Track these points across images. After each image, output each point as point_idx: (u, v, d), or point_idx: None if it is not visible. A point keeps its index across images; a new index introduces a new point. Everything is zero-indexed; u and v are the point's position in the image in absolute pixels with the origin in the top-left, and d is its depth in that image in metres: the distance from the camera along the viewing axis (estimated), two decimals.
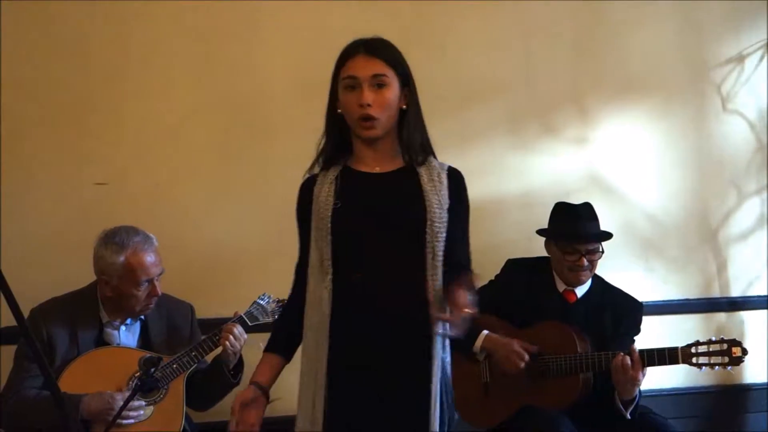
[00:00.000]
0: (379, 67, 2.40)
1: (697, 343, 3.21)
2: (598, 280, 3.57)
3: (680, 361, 3.19)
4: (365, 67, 2.39)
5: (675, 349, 3.20)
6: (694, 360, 3.19)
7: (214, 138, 3.89)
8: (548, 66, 4.23)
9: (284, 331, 2.53)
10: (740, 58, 4.40)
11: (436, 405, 2.39)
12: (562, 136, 4.24)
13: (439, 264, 2.39)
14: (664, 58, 4.35)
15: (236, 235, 3.87)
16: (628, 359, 3.17)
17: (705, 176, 4.39)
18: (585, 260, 3.44)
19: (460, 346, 3.28)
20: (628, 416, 3.27)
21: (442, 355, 2.41)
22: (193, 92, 3.87)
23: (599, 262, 3.59)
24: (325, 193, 2.42)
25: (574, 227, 3.48)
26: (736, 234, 4.42)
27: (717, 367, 3.19)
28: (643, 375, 3.21)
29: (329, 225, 2.39)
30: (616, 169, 4.29)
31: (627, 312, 3.49)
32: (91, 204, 3.73)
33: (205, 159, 3.87)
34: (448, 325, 2.31)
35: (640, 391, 3.29)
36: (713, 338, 3.23)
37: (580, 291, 3.52)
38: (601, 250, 3.49)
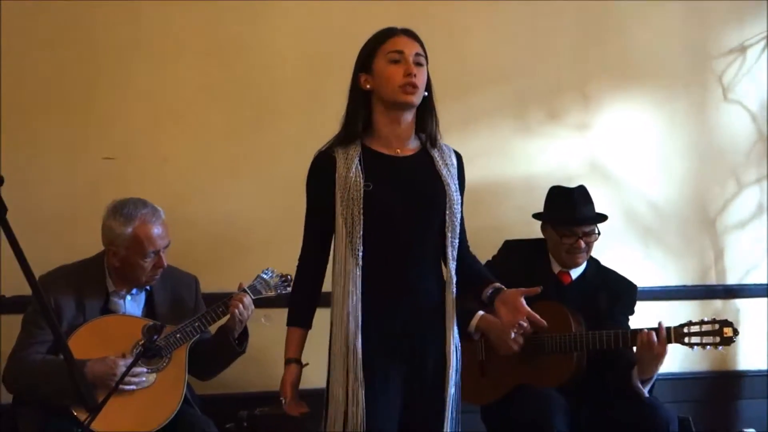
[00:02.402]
0: (419, 48, 2.61)
1: (690, 323, 3.25)
2: (593, 262, 3.61)
3: (672, 340, 3.23)
4: (409, 45, 2.59)
5: (668, 329, 3.24)
6: (686, 339, 3.23)
7: (221, 115, 3.94)
8: (552, 52, 4.28)
9: (302, 301, 2.66)
10: (742, 49, 4.44)
11: (452, 382, 2.59)
12: (565, 122, 4.29)
13: (456, 243, 2.60)
14: (667, 47, 4.40)
15: (242, 211, 3.93)
16: (654, 335, 3.21)
17: (705, 165, 4.44)
18: (582, 242, 3.49)
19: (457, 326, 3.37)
20: (647, 394, 3.32)
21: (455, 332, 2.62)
22: (202, 69, 3.93)
23: (599, 248, 3.65)
24: (354, 175, 2.53)
25: (571, 211, 3.53)
26: (734, 223, 4.47)
27: (708, 347, 3.22)
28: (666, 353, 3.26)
29: (361, 206, 2.51)
30: (617, 155, 4.34)
31: (621, 293, 3.55)
32: (100, 178, 3.79)
33: (212, 136, 3.93)
34: None
35: None
36: (705, 319, 3.27)
37: (575, 273, 3.56)
38: (597, 232, 3.54)
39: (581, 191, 3.60)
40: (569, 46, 4.31)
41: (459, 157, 2.70)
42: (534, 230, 3.71)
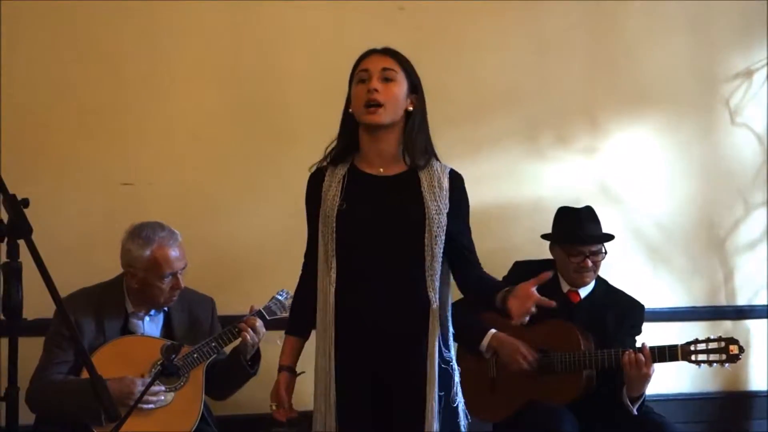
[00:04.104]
0: (389, 63, 2.57)
1: (696, 341, 3.31)
2: (601, 282, 3.67)
3: (679, 357, 3.29)
4: (376, 62, 2.58)
5: (675, 346, 3.30)
6: (692, 357, 3.29)
7: (237, 140, 4.01)
8: (561, 77, 4.35)
9: (299, 313, 2.72)
10: (748, 73, 4.50)
11: (434, 402, 2.52)
12: (574, 146, 4.35)
13: (438, 265, 2.54)
14: (674, 72, 4.46)
15: (258, 233, 3.99)
16: (640, 355, 3.26)
17: (713, 187, 4.49)
18: (589, 261, 3.55)
19: (469, 344, 3.44)
20: (635, 412, 3.37)
21: (438, 351, 2.55)
22: (218, 95, 4.00)
23: (609, 269, 3.72)
24: (333, 193, 2.57)
25: (578, 230, 3.60)
26: (743, 244, 4.52)
27: (715, 364, 3.27)
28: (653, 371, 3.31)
29: (334, 225, 2.54)
30: (625, 178, 4.39)
31: (629, 312, 3.60)
32: (119, 203, 3.85)
33: (228, 160, 4.00)
34: None
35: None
36: (712, 336, 3.32)
37: (584, 292, 3.63)
38: (604, 251, 3.60)
39: (588, 211, 3.67)
40: (578, 71, 4.38)
41: (456, 177, 2.63)
42: (543, 251, 3.77)
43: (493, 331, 3.42)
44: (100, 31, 3.89)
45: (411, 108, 2.59)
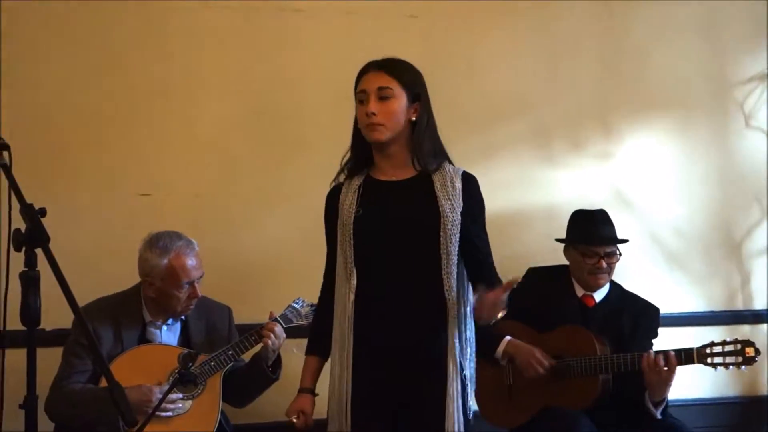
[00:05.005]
0: (385, 81, 2.60)
1: (712, 344, 3.30)
2: (615, 286, 3.67)
3: (695, 360, 3.27)
4: (372, 81, 2.62)
5: (691, 349, 3.29)
6: (708, 360, 3.27)
7: (251, 150, 4.03)
8: (573, 82, 4.36)
9: (319, 332, 2.74)
10: (762, 77, 4.51)
11: (454, 402, 2.56)
12: (587, 151, 4.36)
13: (453, 264, 2.58)
14: (688, 76, 4.47)
15: (272, 242, 4.01)
16: (661, 359, 3.25)
17: (728, 191, 4.49)
18: (604, 263, 3.55)
19: (484, 352, 3.43)
20: (659, 416, 3.36)
21: (458, 350, 2.59)
22: (232, 106, 4.03)
23: (625, 275, 3.72)
24: (349, 201, 2.63)
25: (592, 230, 3.60)
26: (759, 248, 4.51)
27: (731, 366, 3.26)
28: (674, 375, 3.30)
29: (351, 231, 2.59)
30: (639, 183, 4.40)
31: (644, 316, 3.59)
32: (136, 214, 3.88)
33: (243, 170, 4.02)
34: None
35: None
36: (727, 339, 3.31)
37: (599, 296, 3.63)
38: (618, 253, 3.60)
39: (602, 213, 3.68)
40: (591, 76, 4.39)
41: (468, 179, 2.67)
42: (558, 258, 3.77)
43: (508, 338, 3.43)
44: (116, 43, 3.92)
45: (414, 117, 2.63)
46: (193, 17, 3.99)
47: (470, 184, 2.67)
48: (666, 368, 3.26)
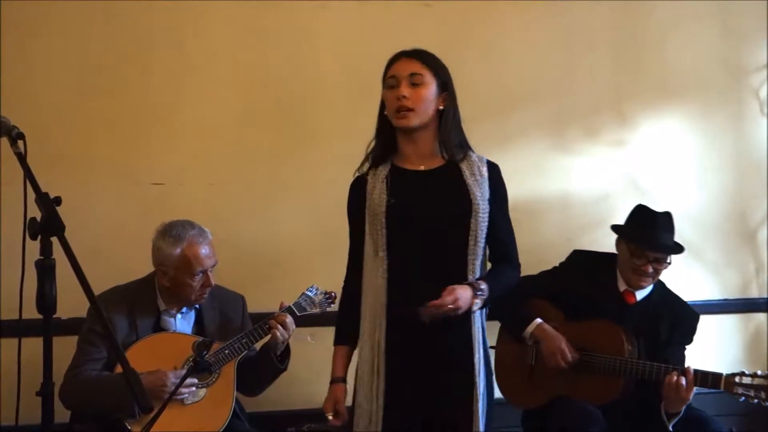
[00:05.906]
0: (417, 67, 2.64)
1: (742, 374, 3.20)
2: (659, 286, 3.58)
3: (722, 387, 3.21)
4: (404, 67, 2.65)
5: (719, 375, 3.21)
6: (735, 389, 3.19)
7: (265, 140, 4.04)
8: (588, 70, 4.36)
9: (346, 321, 2.76)
10: None
11: (480, 376, 2.63)
12: (602, 139, 4.36)
13: (480, 248, 2.64)
14: (702, 63, 4.46)
15: (286, 232, 4.02)
16: (683, 379, 3.19)
17: (743, 178, 4.48)
18: (650, 267, 3.45)
19: (513, 329, 3.49)
20: (671, 429, 3.28)
21: (480, 330, 2.66)
22: (247, 96, 4.03)
23: None
24: (378, 191, 2.65)
25: (651, 233, 3.47)
26: None
27: (756, 401, 3.17)
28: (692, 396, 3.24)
29: (384, 219, 2.62)
30: (654, 171, 4.39)
31: (683, 321, 3.52)
32: (149, 203, 3.89)
33: (256, 160, 4.02)
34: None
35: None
36: (759, 372, 3.20)
37: (640, 294, 3.53)
38: (668, 261, 3.49)
39: (666, 216, 3.55)
40: (605, 64, 4.38)
41: (493, 167, 2.74)
42: (571, 245, 3.78)
43: (538, 320, 3.42)
44: (128, 34, 3.93)
45: (442, 107, 2.67)
46: (207, 7, 3.99)
47: (495, 171, 2.74)
48: (687, 390, 3.20)
